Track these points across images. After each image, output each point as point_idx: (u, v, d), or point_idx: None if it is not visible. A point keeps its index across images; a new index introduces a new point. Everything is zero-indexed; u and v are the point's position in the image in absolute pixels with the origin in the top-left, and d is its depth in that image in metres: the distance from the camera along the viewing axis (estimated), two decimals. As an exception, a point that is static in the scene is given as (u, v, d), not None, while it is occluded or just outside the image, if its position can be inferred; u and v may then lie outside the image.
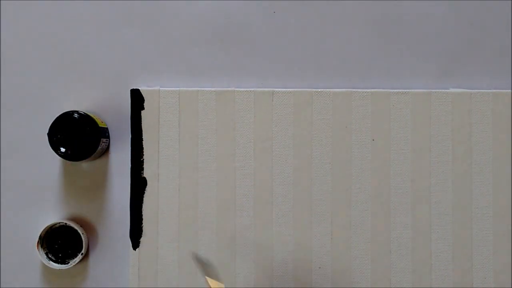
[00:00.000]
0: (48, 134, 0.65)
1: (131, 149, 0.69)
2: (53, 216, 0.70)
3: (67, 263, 0.68)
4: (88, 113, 0.67)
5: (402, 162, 0.69)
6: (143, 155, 0.69)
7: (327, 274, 0.69)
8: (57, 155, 0.66)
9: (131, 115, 0.69)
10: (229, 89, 0.70)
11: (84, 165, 0.70)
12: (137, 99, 0.69)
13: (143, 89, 0.69)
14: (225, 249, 0.69)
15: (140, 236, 0.69)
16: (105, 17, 0.71)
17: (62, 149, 0.65)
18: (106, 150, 0.70)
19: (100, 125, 0.67)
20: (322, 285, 0.68)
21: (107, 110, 0.70)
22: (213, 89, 0.70)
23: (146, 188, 0.69)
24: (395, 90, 0.69)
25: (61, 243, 0.69)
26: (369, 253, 0.69)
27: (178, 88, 0.70)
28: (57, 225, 0.69)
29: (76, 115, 0.66)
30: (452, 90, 0.70)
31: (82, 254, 0.68)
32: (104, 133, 0.68)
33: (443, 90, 0.69)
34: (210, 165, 0.69)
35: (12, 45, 0.71)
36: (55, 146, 0.65)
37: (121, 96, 0.70)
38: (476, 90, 0.69)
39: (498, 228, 0.69)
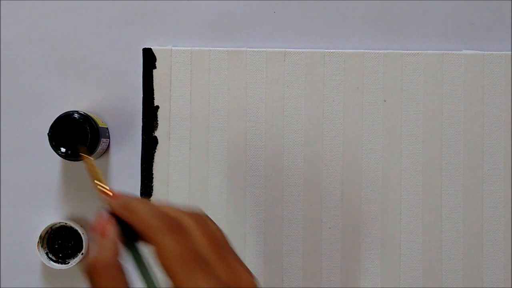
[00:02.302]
0: (48, 134, 0.65)
1: (143, 108, 0.69)
2: (53, 216, 0.70)
3: (67, 263, 0.68)
4: (88, 113, 0.67)
5: (414, 123, 0.69)
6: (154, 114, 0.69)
7: (337, 234, 0.69)
8: (57, 155, 0.66)
9: (143, 74, 0.69)
10: (241, 49, 0.70)
11: (84, 165, 0.70)
12: (149, 58, 0.69)
13: (155, 48, 0.69)
14: (235, 208, 0.69)
15: (151, 195, 0.69)
16: (106, 17, 0.71)
17: (62, 149, 0.65)
18: (106, 150, 0.70)
19: (100, 125, 0.67)
20: (332, 245, 0.69)
21: (107, 110, 0.70)
22: (225, 48, 0.70)
23: (157, 147, 0.69)
24: (408, 51, 0.69)
25: (61, 243, 0.69)
26: (379, 214, 0.69)
27: (190, 48, 0.70)
28: (57, 225, 0.69)
29: (76, 115, 0.65)
30: (465, 51, 0.69)
31: (82, 254, 0.68)
32: (104, 133, 0.68)
33: (456, 51, 0.69)
34: (221, 124, 0.69)
35: (12, 45, 0.71)
36: (55, 146, 0.65)
37: (121, 96, 0.70)
38: (489, 52, 0.69)
39: (509, 190, 0.69)
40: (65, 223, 0.68)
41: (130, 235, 0.45)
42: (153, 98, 0.69)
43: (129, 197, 0.47)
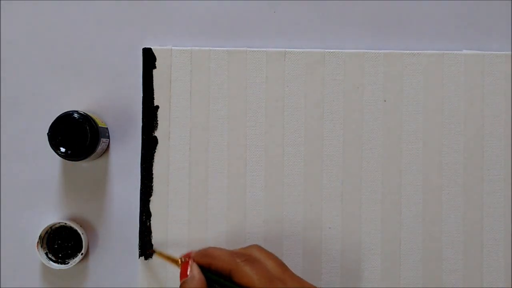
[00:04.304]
0: (48, 134, 0.65)
1: (143, 108, 0.69)
2: (53, 216, 0.70)
3: (67, 263, 0.68)
4: (88, 113, 0.67)
5: (414, 123, 0.69)
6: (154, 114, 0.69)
7: (337, 234, 0.69)
8: (57, 155, 0.66)
9: (142, 74, 0.69)
10: (241, 48, 0.70)
11: (84, 165, 0.70)
12: (149, 58, 0.69)
13: (155, 48, 0.69)
14: (235, 208, 0.69)
15: (151, 195, 0.69)
16: (106, 17, 0.71)
17: (62, 149, 0.65)
18: (106, 150, 0.70)
19: (100, 125, 0.67)
20: (332, 245, 0.69)
21: (107, 110, 0.70)
22: (225, 48, 0.70)
23: (157, 147, 0.69)
24: (408, 51, 0.69)
25: (61, 243, 0.69)
26: (380, 214, 0.69)
27: (190, 48, 0.70)
28: (57, 225, 0.69)
29: (76, 115, 0.65)
30: (465, 51, 0.69)
31: (82, 254, 0.68)
32: (104, 133, 0.68)
33: (456, 51, 0.69)
34: (221, 124, 0.69)
35: (12, 45, 0.71)
36: (55, 146, 0.65)
37: (121, 96, 0.70)
38: (489, 52, 0.69)
39: (509, 190, 0.69)
40: (65, 223, 0.68)
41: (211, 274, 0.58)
42: (153, 98, 0.69)
43: (204, 248, 0.60)
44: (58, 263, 0.68)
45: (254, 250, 0.59)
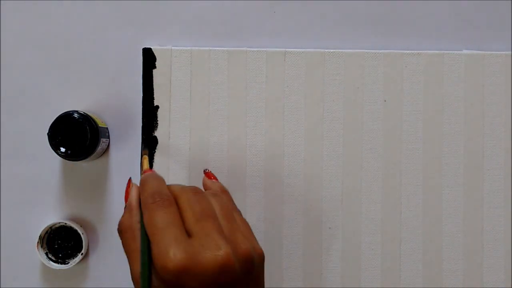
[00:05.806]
0: (48, 134, 0.65)
1: (143, 108, 0.69)
2: (53, 216, 0.70)
3: (67, 263, 0.68)
4: (88, 113, 0.67)
5: (414, 123, 0.69)
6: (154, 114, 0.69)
7: (337, 234, 0.69)
8: (57, 155, 0.66)
9: (142, 74, 0.69)
10: (241, 48, 0.70)
11: (84, 165, 0.70)
12: (149, 58, 0.69)
13: (155, 48, 0.69)
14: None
15: (151, 195, 0.69)
16: (105, 17, 0.70)
17: (62, 149, 0.65)
18: (106, 150, 0.70)
19: (100, 125, 0.67)
20: (332, 245, 0.69)
21: (107, 110, 0.70)
22: (225, 48, 0.70)
23: (157, 147, 0.69)
24: (408, 51, 0.69)
25: (61, 243, 0.69)
26: (379, 214, 0.69)
27: (190, 48, 0.70)
28: (57, 225, 0.69)
29: (76, 115, 0.65)
30: (465, 51, 0.69)
31: (82, 254, 0.68)
32: (104, 133, 0.68)
33: (456, 51, 0.69)
34: (221, 124, 0.69)
35: (12, 45, 0.71)
36: (55, 146, 0.65)
37: (121, 96, 0.70)
38: (489, 52, 0.69)
39: (509, 190, 0.69)
40: (65, 223, 0.68)
41: None
42: (153, 98, 0.69)
43: (151, 174, 0.55)
44: (58, 263, 0.68)
45: (185, 193, 0.52)
